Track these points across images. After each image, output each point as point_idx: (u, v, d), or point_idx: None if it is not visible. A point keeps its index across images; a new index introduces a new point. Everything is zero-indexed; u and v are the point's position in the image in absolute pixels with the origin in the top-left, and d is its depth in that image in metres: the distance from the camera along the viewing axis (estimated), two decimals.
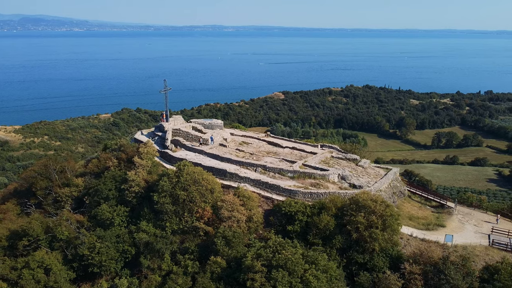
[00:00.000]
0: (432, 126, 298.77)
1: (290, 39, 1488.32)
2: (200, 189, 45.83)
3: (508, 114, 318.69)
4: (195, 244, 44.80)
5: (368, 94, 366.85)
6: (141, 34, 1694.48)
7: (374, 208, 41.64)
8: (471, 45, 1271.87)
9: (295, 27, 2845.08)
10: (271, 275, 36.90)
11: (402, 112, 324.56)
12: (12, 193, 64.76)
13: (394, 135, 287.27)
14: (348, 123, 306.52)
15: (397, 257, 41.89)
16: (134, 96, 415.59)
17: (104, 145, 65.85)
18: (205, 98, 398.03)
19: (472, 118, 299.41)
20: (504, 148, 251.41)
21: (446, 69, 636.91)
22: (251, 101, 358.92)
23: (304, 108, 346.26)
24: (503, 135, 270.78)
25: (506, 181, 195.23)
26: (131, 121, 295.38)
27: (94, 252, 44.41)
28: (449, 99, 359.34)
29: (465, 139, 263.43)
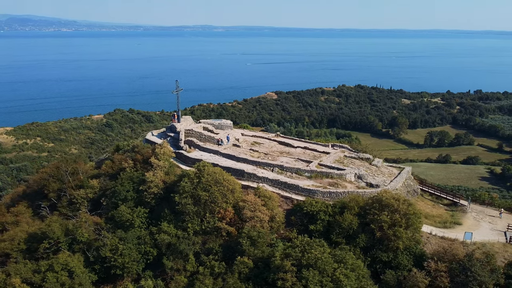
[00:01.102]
0: (424, 125, 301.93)
1: (280, 39, 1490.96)
2: (222, 190, 45.84)
3: (497, 113, 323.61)
4: (218, 245, 44.74)
5: (360, 94, 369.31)
6: (131, 34, 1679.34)
7: (397, 207, 42.14)
8: (459, 45, 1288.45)
9: (285, 27, 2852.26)
10: (301, 275, 37.09)
11: (394, 111, 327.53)
12: (22, 196, 63.91)
13: (387, 134, 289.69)
14: (341, 123, 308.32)
15: (420, 255, 42.43)
16: (125, 97, 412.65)
17: (116, 146, 65.34)
18: (197, 99, 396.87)
19: (463, 117, 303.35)
20: (495, 146, 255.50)
21: (435, 68, 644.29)
22: (244, 101, 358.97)
23: (297, 108, 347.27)
24: (493, 134, 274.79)
25: (498, 179, 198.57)
26: (124, 122, 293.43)
27: (116, 254, 44.11)
28: (440, 98, 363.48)
29: (456, 138, 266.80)
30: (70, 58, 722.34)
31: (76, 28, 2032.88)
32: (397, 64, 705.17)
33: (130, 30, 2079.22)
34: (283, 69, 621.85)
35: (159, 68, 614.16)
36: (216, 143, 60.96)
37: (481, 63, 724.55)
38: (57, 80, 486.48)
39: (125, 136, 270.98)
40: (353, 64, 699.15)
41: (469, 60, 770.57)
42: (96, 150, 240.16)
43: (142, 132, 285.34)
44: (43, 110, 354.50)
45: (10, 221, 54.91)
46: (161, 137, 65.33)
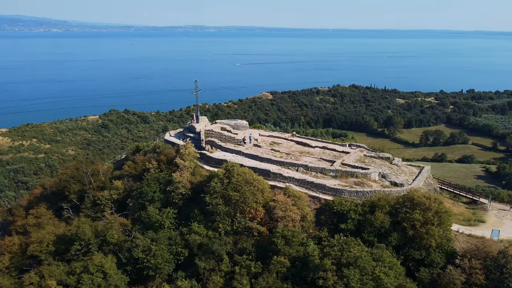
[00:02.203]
0: (418, 124, 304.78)
1: (272, 39, 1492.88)
2: (252, 190, 46.02)
3: (490, 112, 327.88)
4: (251, 245, 44.89)
5: (355, 94, 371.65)
6: (122, 35, 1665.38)
7: (429, 205, 42.73)
8: (450, 45, 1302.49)
9: (277, 27, 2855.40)
10: (342, 273, 37.42)
11: (389, 111, 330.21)
12: (39, 198, 63.41)
13: (382, 134, 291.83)
14: (337, 123, 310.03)
15: (451, 252, 43.06)
16: (118, 98, 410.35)
17: (135, 147, 65.08)
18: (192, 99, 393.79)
19: (457, 116, 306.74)
20: (489, 145, 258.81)
21: (427, 68, 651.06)
22: (239, 102, 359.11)
23: (293, 108, 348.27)
24: (487, 133, 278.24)
25: (494, 178, 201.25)
26: (120, 122, 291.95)
27: (149, 255, 44.02)
28: (433, 98, 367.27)
29: (451, 137, 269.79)
30: (61, 59, 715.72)
31: (67, 28, 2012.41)
32: (389, 64, 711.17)
33: (121, 30, 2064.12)
34: (277, 69, 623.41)
35: (152, 69, 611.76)
36: (237, 143, 61.03)
37: (471, 63, 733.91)
38: (49, 81, 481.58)
39: (121, 137, 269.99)
40: (346, 64, 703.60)
41: (460, 60, 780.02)
42: (93, 151, 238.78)
43: (138, 132, 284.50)
44: (36, 111, 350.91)
45: (32, 223, 54.49)
46: (179, 138, 65.22)
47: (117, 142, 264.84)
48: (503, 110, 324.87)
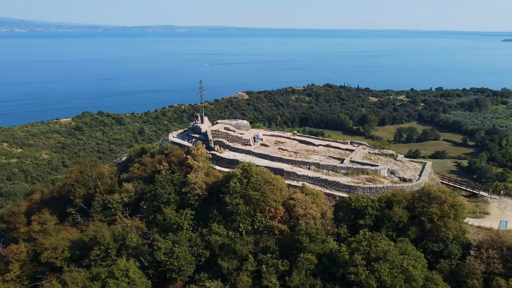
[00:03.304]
0: (392, 122, 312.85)
1: (244, 39, 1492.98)
2: (272, 188, 46.32)
3: (459, 109, 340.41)
4: (274, 243, 45.19)
5: (329, 93, 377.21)
6: (89, 35, 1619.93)
7: (445, 199, 44.35)
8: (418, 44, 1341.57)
9: (249, 27, 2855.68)
10: (373, 267, 38.30)
11: (363, 109, 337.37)
12: (39, 203, 61.29)
13: (357, 131, 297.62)
14: (313, 121, 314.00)
15: (467, 244, 44.83)
16: (90, 99, 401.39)
17: (140, 148, 63.84)
18: (165, 100, 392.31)
19: (428, 114, 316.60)
20: (460, 141, 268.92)
21: (397, 67, 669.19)
22: (215, 102, 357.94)
23: (269, 108, 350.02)
24: (457, 129, 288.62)
25: (465, 172, 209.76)
26: (95, 125, 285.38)
27: (172, 257, 43.53)
28: (405, 96, 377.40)
29: (424, 133, 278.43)
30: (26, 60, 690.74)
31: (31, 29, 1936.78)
32: (359, 63, 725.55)
33: (88, 31, 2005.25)
34: (250, 69, 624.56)
35: (122, 69, 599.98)
36: (244, 143, 60.98)
37: (439, 61, 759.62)
38: (13, 83, 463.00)
39: (97, 139, 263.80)
40: (318, 63, 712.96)
41: (428, 59, 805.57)
42: (68, 154, 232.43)
43: (113, 134, 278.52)
44: (2, 114, 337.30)
45: (37, 229, 52.71)
46: (183, 138, 64.58)
47: (92, 144, 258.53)
48: (470, 107, 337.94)
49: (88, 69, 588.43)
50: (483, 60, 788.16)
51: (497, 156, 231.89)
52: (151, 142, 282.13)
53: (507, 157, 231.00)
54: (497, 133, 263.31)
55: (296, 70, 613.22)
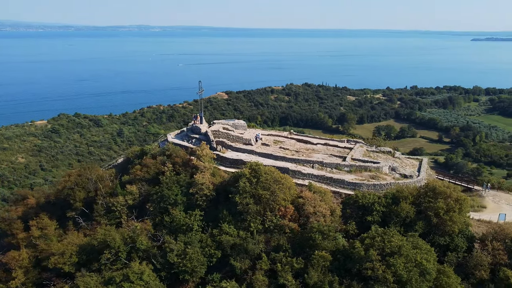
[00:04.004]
0: (370, 120, 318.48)
1: (219, 39, 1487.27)
2: (281, 187, 46.60)
3: (434, 106, 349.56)
4: (286, 242, 45.47)
5: (308, 92, 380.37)
6: (61, 35, 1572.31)
7: (450, 194, 45.73)
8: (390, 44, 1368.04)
9: (225, 27, 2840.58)
10: (388, 262, 39.09)
11: (342, 108, 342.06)
12: (36, 208, 59.49)
13: (337, 130, 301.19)
14: (293, 120, 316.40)
15: (471, 237, 46.36)
16: (65, 101, 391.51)
17: (140, 150, 62.79)
18: (143, 101, 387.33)
19: (405, 112, 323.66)
20: (436, 138, 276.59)
21: (372, 66, 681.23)
22: (194, 102, 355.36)
23: (249, 107, 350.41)
24: (433, 126, 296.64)
25: (443, 168, 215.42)
26: (71, 127, 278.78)
27: (185, 258, 43.17)
28: (381, 94, 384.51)
29: (401, 131, 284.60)
30: None
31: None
32: (335, 62, 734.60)
33: (60, 30, 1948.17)
34: (227, 69, 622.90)
35: (97, 70, 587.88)
36: (245, 143, 61.04)
37: (411, 61, 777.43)
38: None
39: (74, 142, 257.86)
40: (295, 63, 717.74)
41: (401, 58, 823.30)
42: (45, 158, 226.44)
43: (91, 136, 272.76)
44: None
45: (37, 235, 51.24)
46: (182, 139, 64.02)
47: (70, 147, 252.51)
48: (444, 105, 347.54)
49: (61, 70, 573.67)
50: (453, 59, 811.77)
51: (472, 152, 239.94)
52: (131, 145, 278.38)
53: (481, 153, 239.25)
54: (471, 130, 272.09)
55: (273, 69, 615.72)
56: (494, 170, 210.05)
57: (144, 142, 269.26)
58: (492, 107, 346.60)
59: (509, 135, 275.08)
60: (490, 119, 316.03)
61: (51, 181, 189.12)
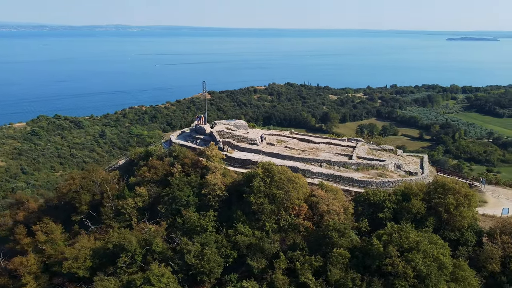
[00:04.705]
0: (352, 119, 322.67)
1: (199, 39, 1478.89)
2: (295, 186, 46.93)
3: (413, 105, 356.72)
4: (303, 240, 45.80)
5: (290, 91, 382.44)
6: (35, 35, 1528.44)
7: (459, 189, 46.97)
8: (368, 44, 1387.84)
9: (204, 27, 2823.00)
10: (408, 258, 39.89)
11: (324, 107, 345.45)
12: (38, 213, 57.98)
13: (320, 129, 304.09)
14: (277, 120, 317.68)
15: (479, 231, 47.75)
16: (44, 102, 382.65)
17: (145, 151, 61.89)
18: (123, 101, 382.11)
19: (386, 110, 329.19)
20: (417, 135, 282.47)
21: (352, 66, 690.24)
22: (177, 102, 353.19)
23: (232, 107, 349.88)
24: (413, 124, 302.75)
25: None
26: (52, 129, 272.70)
27: (203, 260, 42.96)
28: (362, 93, 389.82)
29: (383, 129, 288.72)
30: None
31: None
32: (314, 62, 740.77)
33: (34, 30, 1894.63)
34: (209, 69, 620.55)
35: (75, 71, 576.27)
36: (251, 143, 61.09)
37: (390, 60, 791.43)
38: None
39: (56, 144, 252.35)
40: (276, 62, 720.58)
41: (379, 58, 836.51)
42: (26, 161, 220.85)
43: (73, 138, 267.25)
44: None
45: (43, 240, 50.03)
46: (186, 140, 63.58)
47: (51, 150, 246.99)
48: (424, 103, 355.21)
49: (37, 71, 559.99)
50: (430, 58, 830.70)
51: (452, 149, 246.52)
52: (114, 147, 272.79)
53: (461, 150, 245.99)
54: (450, 127, 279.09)
55: (254, 69, 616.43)
56: (474, 166, 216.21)
57: (128, 144, 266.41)
58: (469, 105, 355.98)
59: (487, 132, 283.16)
60: (468, 117, 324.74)
61: (34, 185, 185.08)
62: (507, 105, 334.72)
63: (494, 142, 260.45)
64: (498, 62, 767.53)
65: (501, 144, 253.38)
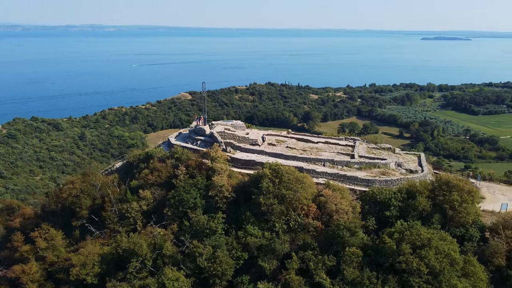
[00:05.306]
0: (333, 118, 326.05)
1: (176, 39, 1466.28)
2: (304, 186, 46.91)
3: (392, 103, 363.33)
4: (314, 240, 45.78)
5: (271, 91, 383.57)
6: (6, 35, 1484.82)
7: (463, 186, 47.95)
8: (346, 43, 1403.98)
9: (181, 27, 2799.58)
10: (420, 255, 40.42)
11: (305, 106, 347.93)
12: (35, 218, 56.10)
13: (302, 128, 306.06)
14: (259, 120, 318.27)
15: (482, 226, 48.84)
16: (18, 104, 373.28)
17: (144, 154, 60.50)
18: (102, 103, 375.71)
19: (366, 109, 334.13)
20: (397, 133, 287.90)
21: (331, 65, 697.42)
22: (158, 103, 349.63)
23: (214, 108, 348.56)
24: (393, 122, 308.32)
25: None
26: (29, 131, 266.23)
27: (215, 262, 42.42)
28: (342, 92, 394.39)
29: (364, 127, 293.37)
30: None
31: None
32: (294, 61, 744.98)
33: (5, 30, 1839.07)
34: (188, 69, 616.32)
35: (50, 72, 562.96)
36: (252, 144, 60.75)
37: (367, 59, 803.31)
38: None
39: (34, 147, 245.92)
40: (255, 62, 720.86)
41: (357, 57, 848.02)
42: (4, 164, 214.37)
43: (51, 141, 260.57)
44: None
45: (44, 246, 48.41)
46: (185, 141, 62.70)
47: (30, 153, 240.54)
48: (402, 101, 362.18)
49: (10, 72, 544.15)
50: (406, 57, 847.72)
51: (431, 146, 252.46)
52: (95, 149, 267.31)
53: (440, 147, 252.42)
54: (429, 125, 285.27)
55: (233, 69, 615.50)
56: (453, 163, 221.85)
57: (109, 146, 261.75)
58: (446, 103, 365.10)
59: (464, 129, 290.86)
60: (445, 115, 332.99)
61: (13, 189, 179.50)
62: (482, 102, 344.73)
63: (471, 139, 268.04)
64: (471, 61, 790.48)
65: (478, 140, 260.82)
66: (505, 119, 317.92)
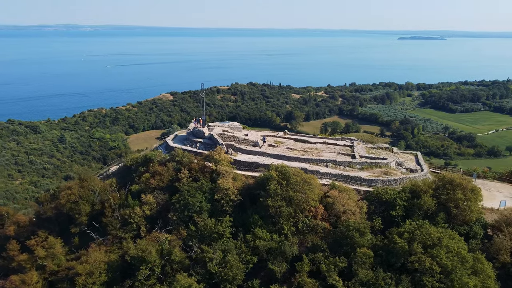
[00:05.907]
0: (315, 117, 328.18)
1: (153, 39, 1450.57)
2: (311, 188, 46.58)
3: (373, 102, 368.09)
4: (324, 242, 45.48)
5: (253, 91, 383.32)
6: None
7: (466, 185, 48.59)
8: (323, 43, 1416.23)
9: (159, 27, 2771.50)
10: (432, 254, 40.65)
11: (288, 106, 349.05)
12: (31, 226, 53.90)
13: (285, 128, 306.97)
14: (242, 120, 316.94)
15: (484, 224, 49.60)
16: None
17: (143, 157, 58.87)
18: (80, 104, 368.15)
19: (347, 108, 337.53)
20: (378, 132, 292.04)
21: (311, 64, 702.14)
22: (139, 104, 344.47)
23: (196, 108, 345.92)
24: (374, 121, 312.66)
25: None
26: (6, 135, 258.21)
27: (226, 267, 41.59)
28: (323, 92, 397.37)
29: (346, 126, 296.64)
30: None
31: None
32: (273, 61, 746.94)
33: None
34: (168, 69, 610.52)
35: (24, 73, 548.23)
36: (252, 145, 60.10)
37: (345, 58, 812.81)
38: None
39: (12, 151, 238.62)
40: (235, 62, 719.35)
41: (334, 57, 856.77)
42: None
43: (29, 144, 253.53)
44: None
45: (42, 255, 46.59)
46: (184, 144, 61.52)
47: (7, 156, 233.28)
48: (382, 100, 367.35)
49: None
50: (383, 57, 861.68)
51: (412, 144, 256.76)
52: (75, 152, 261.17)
53: (420, 144, 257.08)
54: (409, 123, 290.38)
55: (213, 69, 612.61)
56: (433, 160, 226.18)
57: (90, 148, 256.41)
58: (424, 101, 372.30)
59: (442, 127, 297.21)
60: (424, 113, 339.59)
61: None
62: (459, 100, 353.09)
63: (449, 137, 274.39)
64: (446, 60, 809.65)
65: (456, 138, 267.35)
66: (481, 116, 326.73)
